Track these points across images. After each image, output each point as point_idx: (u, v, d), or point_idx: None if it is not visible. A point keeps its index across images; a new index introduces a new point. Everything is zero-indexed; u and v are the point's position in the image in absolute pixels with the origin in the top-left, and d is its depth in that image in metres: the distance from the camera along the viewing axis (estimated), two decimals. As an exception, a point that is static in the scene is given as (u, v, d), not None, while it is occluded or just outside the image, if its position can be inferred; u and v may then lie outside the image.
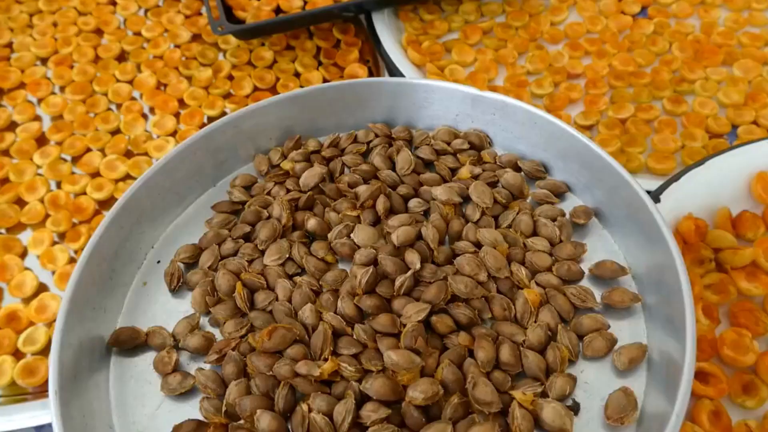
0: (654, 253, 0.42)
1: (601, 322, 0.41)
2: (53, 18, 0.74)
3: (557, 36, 0.71)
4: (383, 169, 0.51)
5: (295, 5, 0.69)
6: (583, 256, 0.46)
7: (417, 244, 0.44)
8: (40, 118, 0.65)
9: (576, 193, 0.50)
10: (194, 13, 0.74)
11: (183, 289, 0.46)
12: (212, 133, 0.50)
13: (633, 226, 0.45)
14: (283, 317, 0.42)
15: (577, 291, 0.43)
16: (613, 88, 0.66)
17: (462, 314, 0.41)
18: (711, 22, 0.71)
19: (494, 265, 0.43)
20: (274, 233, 0.46)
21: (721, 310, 0.47)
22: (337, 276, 0.44)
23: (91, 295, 0.43)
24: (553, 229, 0.46)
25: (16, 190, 0.59)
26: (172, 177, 0.49)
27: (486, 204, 0.47)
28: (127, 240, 0.47)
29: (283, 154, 0.53)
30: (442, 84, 0.53)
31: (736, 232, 0.50)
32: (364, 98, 0.54)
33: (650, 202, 0.43)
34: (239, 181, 0.52)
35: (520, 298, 0.42)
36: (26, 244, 0.56)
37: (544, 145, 0.50)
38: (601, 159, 0.46)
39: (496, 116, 0.52)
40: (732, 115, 0.62)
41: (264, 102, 0.52)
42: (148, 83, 0.67)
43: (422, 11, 0.73)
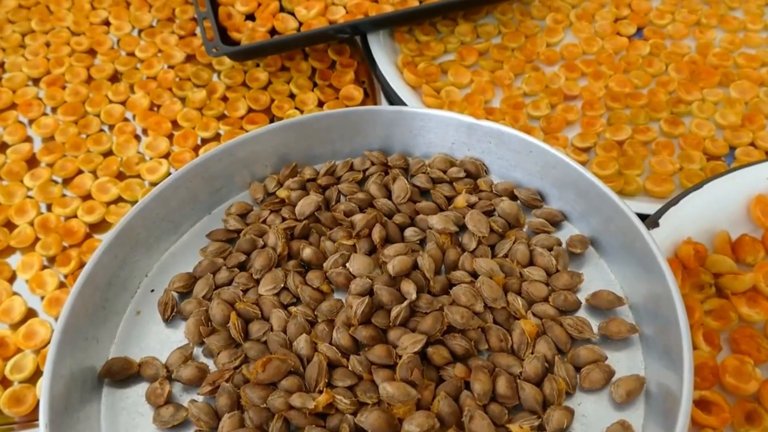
0: (650, 282, 0.42)
1: (599, 354, 0.41)
2: (46, 38, 0.74)
3: (553, 57, 0.71)
4: (379, 197, 0.51)
5: (291, 26, 0.69)
6: (580, 286, 0.46)
7: (413, 274, 0.44)
8: (31, 139, 0.65)
9: (572, 221, 0.50)
10: (188, 33, 0.74)
11: (177, 318, 0.46)
12: (208, 161, 0.51)
13: (629, 256, 0.45)
14: (278, 348, 0.42)
15: (573, 322, 0.43)
16: (609, 109, 0.66)
17: (458, 345, 0.41)
18: (707, 43, 0.72)
19: (490, 296, 0.43)
20: (269, 262, 0.46)
21: (722, 337, 0.47)
22: (332, 306, 0.44)
23: (83, 325, 0.43)
24: (550, 258, 0.46)
25: (6, 213, 0.58)
26: (167, 205, 0.49)
27: (482, 233, 0.47)
28: (121, 269, 0.46)
29: (279, 181, 0.53)
30: (438, 113, 0.53)
31: (735, 257, 0.50)
32: (361, 126, 0.54)
33: (646, 231, 0.43)
34: (235, 209, 0.52)
35: (516, 329, 0.42)
36: (15, 269, 0.55)
37: (540, 173, 0.51)
38: (596, 188, 0.46)
39: (491, 144, 0.52)
40: (729, 136, 0.63)
41: (260, 130, 0.52)
42: (141, 104, 0.67)
43: (418, 32, 0.73)
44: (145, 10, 0.77)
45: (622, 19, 0.75)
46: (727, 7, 0.76)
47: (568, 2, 0.77)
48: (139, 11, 0.76)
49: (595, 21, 0.75)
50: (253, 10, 0.72)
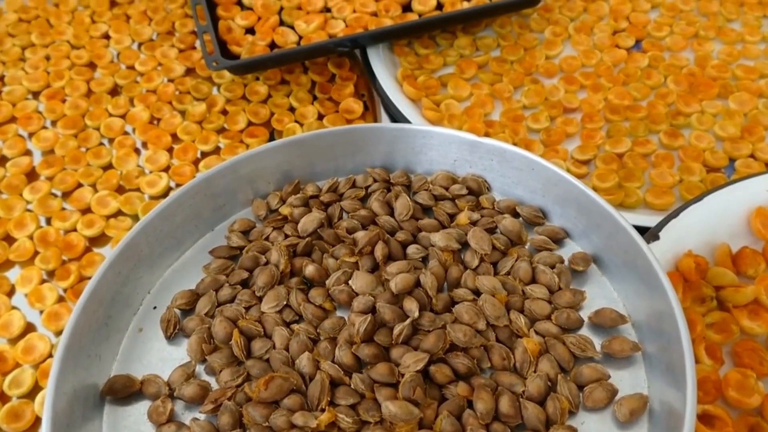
0: (652, 299, 0.42)
1: (602, 372, 0.42)
2: (46, 51, 0.74)
3: (552, 70, 0.71)
4: (381, 214, 0.51)
5: (290, 40, 0.70)
6: (583, 304, 0.46)
7: (415, 292, 0.44)
8: (31, 152, 0.65)
9: (574, 239, 0.50)
10: (188, 47, 0.75)
11: (179, 335, 0.46)
12: (211, 178, 0.51)
13: (631, 273, 0.45)
14: (280, 366, 0.42)
15: (576, 340, 0.43)
16: (609, 122, 0.66)
17: (461, 364, 0.41)
18: (705, 55, 0.72)
19: (493, 314, 0.43)
20: (272, 279, 0.47)
21: (725, 350, 0.47)
22: (335, 324, 0.44)
23: (86, 343, 0.43)
24: (552, 276, 0.46)
25: (5, 227, 0.58)
26: (171, 222, 0.50)
27: (485, 251, 0.47)
28: (124, 285, 0.47)
29: (282, 198, 0.53)
30: (440, 130, 0.54)
31: (736, 269, 0.50)
32: (363, 143, 0.55)
33: (647, 248, 0.43)
34: (237, 226, 0.52)
35: (519, 347, 0.42)
36: (14, 282, 0.55)
37: (542, 190, 0.51)
38: (597, 205, 0.47)
39: (494, 162, 0.53)
40: (729, 148, 0.63)
41: (262, 147, 0.53)
42: (141, 117, 0.67)
43: (417, 46, 0.74)
44: (145, 24, 0.77)
45: (621, 31, 0.76)
46: (725, 19, 0.76)
47: (567, 15, 0.78)
48: (139, 25, 0.77)
49: (594, 34, 0.75)
50: (253, 23, 0.72)
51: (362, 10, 0.73)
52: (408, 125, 0.56)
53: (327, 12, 0.73)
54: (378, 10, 0.73)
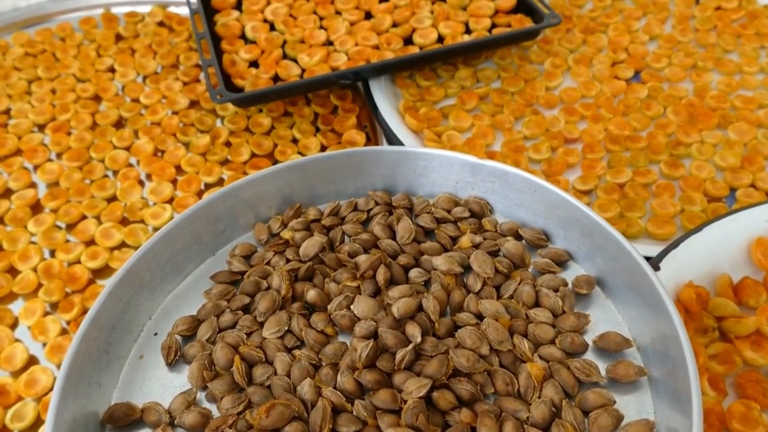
0: (657, 323, 0.43)
1: (607, 398, 0.42)
2: (52, 85, 0.76)
3: (552, 101, 0.74)
4: (383, 238, 0.52)
5: (293, 73, 0.72)
6: (587, 327, 0.46)
7: (417, 316, 0.45)
8: (36, 185, 0.67)
9: (578, 261, 0.51)
10: (192, 80, 0.77)
11: (180, 362, 0.47)
12: (212, 203, 0.52)
13: (635, 296, 0.46)
14: (282, 393, 0.42)
15: (581, 365, 0.43)
16: (609, 152, 0.68)
17: (464, 389, 0.41)
18: (704, 86, 0.74)
19: (496, 338, 0.44)
20: (274, 305, 0.47)
21: (728, 381, 0.48)
22: (336, 349, 0.44)
23: (86, 370, 0.43)
24: (556, 299, 0.47)
25: (9, 259, 0.60)
26: (172, 247, 0.50)
27: (487, 274, 0.48)
28: (125, 312, 0.47)
29: (283, 222, 0.54)
30: (442, 152, 0.55)
31: (737, 300, 0.51)
32: (364, 166, 0.56)
33: (651, 271, 0.44)
34: (239, 251, 0.53)
35: (523, 373, 0.42)
36: (17, 315, 0.57)
37: (545, 212, 0.52)
38: (600, 227, 0.47)
39: (496, 184, 0.54)
40: (729, 178, 0.65)
41: (264, 171, 0.54)
42: (146, 150, 0.69)
43: (419, 78, 0.76)
44: (149, 57, 0.80)
45: (620, 63, 0.78)
46: (723, 51, 0.79)
47: (566, 47, 0.80)
48: (144, 58, 0.80)
49: (593, 65, 0.78)
50: (257, 57, 0.75)
51: (364, 43, 0.75)
52: (409, 148, 0.56)
53: (329, 45, 0.76)
54: (380, 43, 0.75)
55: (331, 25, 0.78)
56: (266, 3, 0.81)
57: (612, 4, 0.87)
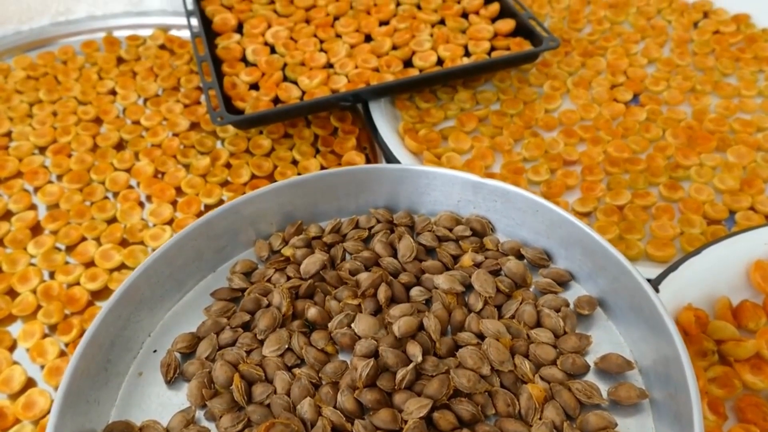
0: (659, 345, 0.43)
1: (608, 420, 0.42)
2: (53, 107, 0.78)
3: (552, 123, 0.75)
4: (385, 256, 0.53)
5: (294, 95, 0.74)
6: (588, 348, 0.47)
7: (418, 335, 0.45)
8: (36, 207, 0.68)
9: (580, 281, 0.52)
10: (193, 102, 0.79)
11: (179, 380, 0.47)
12: (213, 220, 0.53)
13: (637, 317, 0.46)
14: (282, 412, 0.43)
15: (582, 387, 0.43)
16: (609, 174, 0.69)
17: (465, 410, 0.42)
18: (702, 109, 0.76)
19: (497, 359, 0.44)
20: (274, 323, 0.48)
21: (728, 405, 0.48)
22: (337, 368, 0.45)
23: (85, 388, 0.43)
24: (557, 320, 0.47)
25: (9, 281, 0.60)
26: (172, 264, 0.51)
27: (489, 293, 0.48)
28: (124, 329, 0.47)
29: (284, 239, 0.55)
30: (443, 171, 0.55)
31: (737, 323, 0.52)
32: (366, 184, 0.56)
33: (652, 292, 0.44)
34: (239, 268, 0.53)
35: (524, 394, 0.43)
36: (16, 337, 0.57)
37: (546, 232, 0.53)
38: (602, 247, 0.48)
39: (497, 203, 0.54)
40: (728, 200, 0.66)
41: (265, 188, 0.54)
42: (146, 171, 0.71)
43: (418, 100, 0.78)
44: (151, 80, 0.82)
45: (619, 85, 0.80)
46: (721, 74, 0.81)
47: (565, 70, 0.82)
48: (145, 81, 0.81)
49: (592, 88, 0.79)
50: (257, 79, 0.76)
51: (364, 65, 0.77)
52: (411, 166, 0.57)
53: (330, 68, 0.78)
54: (380, 66, 0.77)
55: (332, 48, 0.79)
56: (267, 26, 0.83)
57: (611, 27, 0.89)
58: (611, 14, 0.90)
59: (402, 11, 0.85)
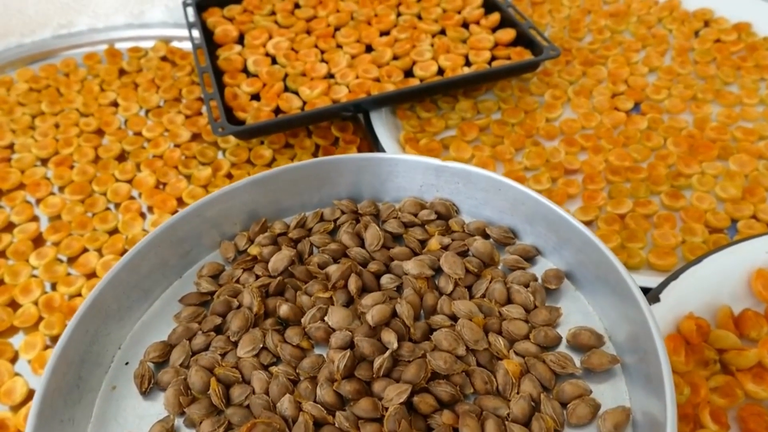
0: (626, 311, 0.44)
1: (583, 388, 0.43)
2: (55, 119, 0.79)
3: (553, 132, 0.76)
4: (352, 246, 0.53)
5: (295, 106, 0.74)
6: (559, 320, 0.48)
7: (392, 322, 0.46)
8: (38, 218, 0.69)
9: (546, 255, 0.53)
10: (194, 113, 0.80)
11: (155, 390, 0.46)
12: (176, 224, 0.52)
13: (604, 286, 0.47)
14: (262, 411, 0.43)
15: (556, 358, 0.44)
16: (610, 183, 0.70)
17: (444, 392, 0.42)
18: (704, 118, 0.76)
19: (472, 338, 0.45)
20: (246, 323, 0.47)
21: (730, 415, 0.48)
22: (314, 362, 0.45)
23: (58, 407, 0.43)
24: (527, 295, 0.48)
25: (11, 293, 0.61)
26: (137, 273, 0.50)
27: (458, 275, 0.49)
28: (93, 344, 0.47)
29: (250, 238, 0.55)
30: (404, 157, 0.56)
31: (739, 332, 0.52)
32: (328, 176, 0.57)
33: (616, 260, 0.45)
34: (206, 271, 0.53)
35: (500, 370, 0.44)
36: (17, 349, 0.58)
37: (510, 209, 0.53)
38: (565, 221, 0.49)
39: (460, 185, 0.55)
40: (731, 209, 0.66)
41: (226, 188, 0.54)
42: (148, 182, 0.71)
43: (419, 109, 0.78)
44: (152, 91, 0.83)
45: (620, 94, 0.80)
46: (723, 82, 0.81)
47: (566, 79, 0.83)
48: (146, 92, 0.82)
49: (593, 97, 0.80)
50: (259, 90, 0.77)
51: (365, 75, 0.78)
52: (372, 154, 0.57)
53: (330, 78, 0.78)
54: (380, 76, 0.78)
55: (332, 58, 0.80)
56: (268, 37, 0.84)
57: (611, 36, 0.90)
58: (612, 23, 0.91)
59: (402, 21, 0.86)
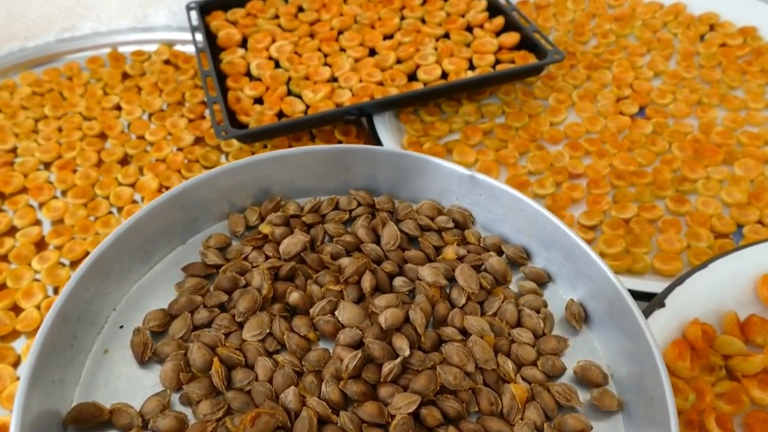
0: (635, 356, 0.44)
1: (585, 423, 0.43)
2: (58, 123, 0.79)
3: (557, 136, 0.76)
4: (367, 242, 0.53)
5: (298, 109, 0.75)
6: (565, 351, 0.48)
7: (404, 328, 0.46)
8: (41, 222, 0.69)
9: (557, 283, 0.53)
10: (197, 117, 0.80)
11: (151, 360, 0.45)
12: (188, 190, 0.51)
13: (614, 325, 0.47)
14: (264, 400, 0.42)
15: (561, 389, 0.44)
16: (615, 187, 0.70)
17: (451, 407, 0.42)
18: (709, 122, 0.76)
19: (482, 357, 0.45)
20: (254, 305, 0.47)
21: (736, 421, 0.48)
22: (320, 356, 0.44)
23: (51, 366, 0.41)
24: (538, 320, 0.48)
25: (13, 297, 0.61)
26: (143, 234, 0.50)
27: (472, 289, 0.49)
28: (91, 302, 0.46)
29: (261, 214, 0.54)
30: (429, 158, 0.55)
31: (744, 338, 0.52)
32: (348, 165, 0.56)
33: (635, 305, 0.45)
34: (213, 242, 0.52)
35: (507, 393, 0.44)
36: (20, 353, 0.58)
37: (529, 231, 0.53)
38: (586, 255, 0.49)
39: (482, 197, 0.55)
40: (736, 214, 0.66)
41: (245, 160, 0.54)
42: (150, 186, 0.72)
43: (423, 113, 0.79)
44: (155, 95, 0.83)
45: (624, 98, 0.80)
46: (728, 87, 0.81)
47: (570, 83, 0.83)
48: (150, 96, 0.83)
49: (598, 101, 0.80)
50: (262, 94, 0.77)
51: (368, 79, 0.78)
52: (396, 150, 0.57)
53: (334, 82, 0.79)
54: (384, 80, 0.78)
55: (336, 61, 0.81)
56: (271, 41, 0.85)
57: (616, 40, 0.90)
58: (617, 27, 0.91)
59: (406, 25, 0.86)
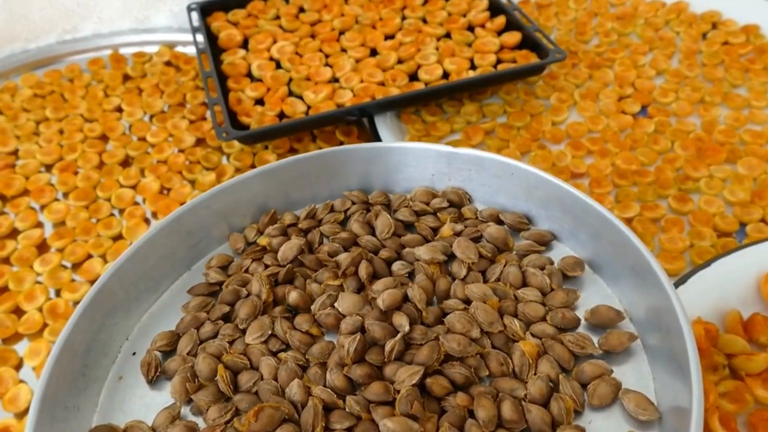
0: (648, 292, 0.44)
1: (604, 368, 0.42)
2: (60, 125, 0.80)
3: (559, 136, 0.76)
4: (363, 235, 0.53)
5: (299, 110, 0.75)
6: (577, 303, 0.47)
7: (404, 307, 0.45)
8: (42, 224, 0.69)
9: (562, 240, 0.52)
10: (199, 118, 0.80)
11: (161, 379, 0.47)
12: (182, 216, 0.52)
13: (623, 267, 0.46)
14: (270, 396, 0.42)
15: (574, 338, 0.44)
16: (617, 186, 0.70)
17: (457, 374, 0.42)
18: (712, 121, 0.76)
19: (486, 320, 0.44)
20: (255, 310, 0.47)
21: (740, 420, 0.48)
22: (323, 348, 0.45)
23: (62, 394, 0.43)
24: (543, 278, 0.48)
25: (15, 299, 0.62)
26: (145, 264, 0.50)
27: (471, 259, 0.49)
28: (99, 333, 0.47)
29: (259, 230, 0.55)
30: (414, 145, 0.56)
31: (748, 336, 0.52)
32: (337, 167, 0.56)
33: (637, 240, 0.44)
34: (215, 262, 0.53)
35: (516, 351, 0.43)
36: (22, 356, 0.58)
37: (524, 195, 0.53)
38: (582, 203, 0.48)
39: (472, 172, 0.55)
40: (739, 213, 0.66)
41: (234, 179, 0.54)
42: (152, 188, 0.72)
43: (424, 113, 0.79)
44: (156, 97, 0.83)
45: (626, 97, 0.80)
46: (731, 85, 0.81)
47: (572, 82, 0.83)
48: (151, 98, 0.83)
49: (600, 100, 0.80)
50: (263, 95, 0.77)
51: (369, 80, 0.78)
52: (381, 144, 0.57)
53: (335, 82, 0.79)
54: (385, 80, 0.78)
55: (337, 62, 0.81)
56: (272, 41, 0.85)
57: (618, 39, 0.90)
58: (619, 26, 0.91)
59: (407, 25, 0.86)
